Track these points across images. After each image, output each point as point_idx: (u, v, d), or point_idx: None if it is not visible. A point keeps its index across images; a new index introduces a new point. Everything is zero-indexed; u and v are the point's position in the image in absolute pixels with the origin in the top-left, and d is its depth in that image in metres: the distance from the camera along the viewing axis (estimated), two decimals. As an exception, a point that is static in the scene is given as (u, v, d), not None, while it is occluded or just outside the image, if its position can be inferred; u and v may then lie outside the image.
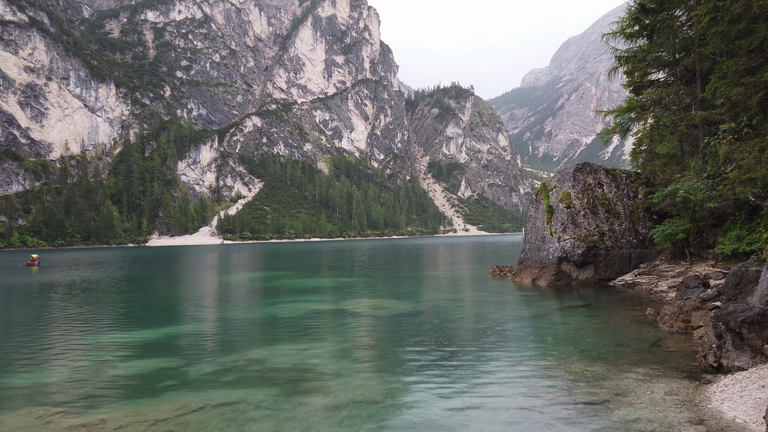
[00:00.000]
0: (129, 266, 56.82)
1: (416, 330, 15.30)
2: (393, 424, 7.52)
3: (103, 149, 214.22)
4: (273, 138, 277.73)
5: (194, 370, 11.16)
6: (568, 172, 28.19)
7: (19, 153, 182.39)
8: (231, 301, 25.17)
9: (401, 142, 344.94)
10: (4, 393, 9.86)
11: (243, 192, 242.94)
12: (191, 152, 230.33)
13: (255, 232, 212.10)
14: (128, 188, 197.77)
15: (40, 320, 19.55)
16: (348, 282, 32.67)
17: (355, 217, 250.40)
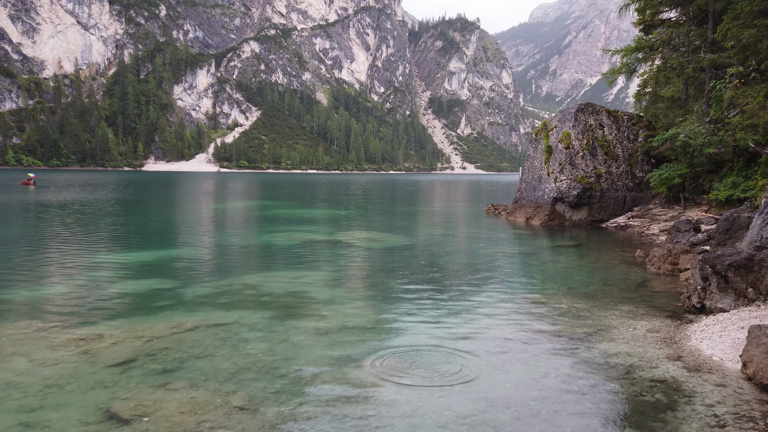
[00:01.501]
0: (125, 190, 56.80)
1: (408, 263, 15.54)
2: (382, 348, 7.77)
3: (97, 69, 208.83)
4: (271, 65, 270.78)
5: (189, 292, 11.38)
6: (569, 112, 27.80)
7: (12, 69, 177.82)
8: (227, 228, 25.37)
9: (402, 75, 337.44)
10: (3, 306, 10.07)
11: (240, 120, 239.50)
12: (187, 76, 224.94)
13: (252, 161, 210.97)
14: (123, 111, 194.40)
15: (38, 238, 19.72)
16: (343, 214, 32.86)
17: (352, 150, 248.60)
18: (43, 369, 6.90)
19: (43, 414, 5.69)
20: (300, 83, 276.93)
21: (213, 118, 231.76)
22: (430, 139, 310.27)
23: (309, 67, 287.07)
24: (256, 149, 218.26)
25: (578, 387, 6.49)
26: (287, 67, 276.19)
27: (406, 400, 6.06)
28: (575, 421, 5.61)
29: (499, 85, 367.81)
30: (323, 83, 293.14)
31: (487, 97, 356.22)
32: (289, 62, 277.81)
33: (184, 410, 5.76)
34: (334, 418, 5.63)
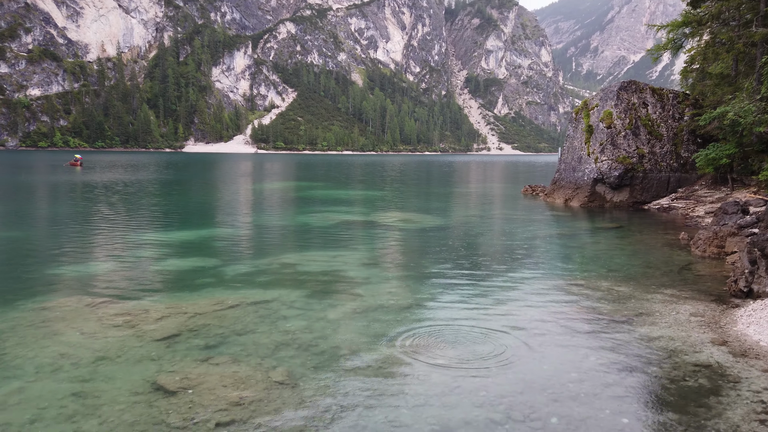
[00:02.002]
0: (166, 170, 58.20)
1: (444, 244, 15.50)
2: (417, 328, 7.82)
3: (138, 52, 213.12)
4: (307, 46, 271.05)
5: (230, 270, 11.65)
6: (611, 90, 26.98)
7: (58, 53, 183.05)
8: (264, 208, 25.77)
9: (438, 54, 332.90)
10: (56, 281, 10.53)
11: (277, 101, 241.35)
12: (225, 58, 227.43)
13: (288, 143, 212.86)
14: (164, 93, 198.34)
15: (85, 217, 20.45)
16: (378, 195, 32.92)
17: (387, 131, 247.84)
18: (94, 342, 7.21)
19: (95, 385, 5.96)
20: (335, 64, 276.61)
21: (250, 99, 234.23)
22: (466, 119, 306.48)
23: (344, 48, 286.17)
24: (292, 130, 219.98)
25: (618, 370, 6.41)
26: (323, 47, 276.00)
27: (442, 380, 6.10)
28: (615, 404, 5.55)
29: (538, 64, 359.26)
30: (358, 64, 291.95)
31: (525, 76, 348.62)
32: (324, 43, 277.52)
33: (227, 384, 5.94)
34: (370, 395, 5.71)
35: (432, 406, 5.49)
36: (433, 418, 5.22)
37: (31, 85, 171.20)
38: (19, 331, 7.62)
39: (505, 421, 5.20)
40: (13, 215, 21.11)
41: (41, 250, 14.16)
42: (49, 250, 13.98)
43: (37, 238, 16.09)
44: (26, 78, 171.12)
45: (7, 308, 8.64)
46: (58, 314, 8.37)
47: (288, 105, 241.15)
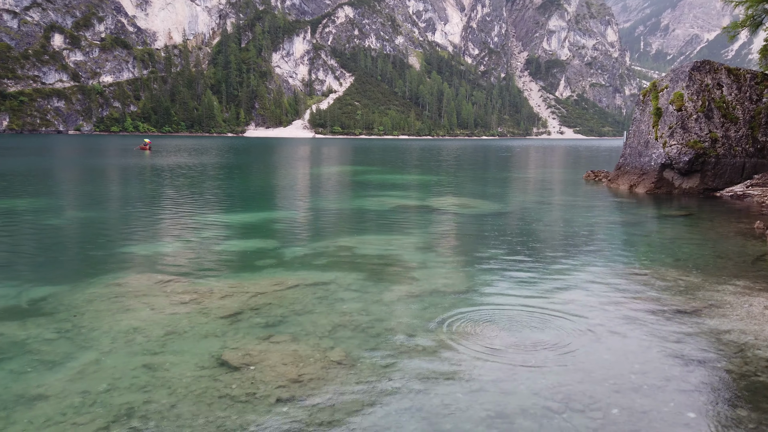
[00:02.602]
0: (228, 154, 60.02)
1: (501, 230, 15.29)
2: (474, 313, 7.78)
3: (203, 39, 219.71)
4: (365, 30, 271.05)
5: (289, 252, 11.95)
6: (683, 70, 25.58)
7: (128, 41, 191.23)
8: (322, 192, 26.19)
9: (498, 36, 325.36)
10: (128, 259, 11.13)
11: (334, 86, 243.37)
12: (285, 44, 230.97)
13: (345, 127, 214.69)
14: (226, 79, 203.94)
15: (153, 199, 21.44)
16: (434, 180, 32.76)
17: (444, 115, 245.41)
18: (163, 317, 7.60)
19: (164, 358, 6.29)
20: (393, 48, 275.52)
21: (308, 84, 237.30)
22: (526, 102, 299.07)
23: (402, 31, 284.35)
24: (349, 115, 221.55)
25: (684, 363, 6.17)
26: (380, 31, 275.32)
27: (498, 366, 6.06)
28: (680, 398, 5.36)
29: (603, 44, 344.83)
30: (416, 47, 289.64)
31: (590, 57, 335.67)
32: (382, 26, 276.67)
33: (287, 362, 6.13)
34: (425, 378, 5.75)
35: (487, 391, 5.47)
36: (489, 404, 5.21)
37: (103, 72, 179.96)
38: (95, 305, 8.12)
39: (563, 410, 5.12)
40: (89, 197, 22.41)
41: (114, 229, 14.98)
42: (121, 230, 14.78)
43: (111, 218, 17.02)
44: (99, 65, 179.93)
45: (84, 284, 9.22)
46: (130, 290, 8.86)
47: (345, 90, 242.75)
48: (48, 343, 6.70)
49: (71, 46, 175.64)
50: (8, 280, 9.42)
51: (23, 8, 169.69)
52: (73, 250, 12.49)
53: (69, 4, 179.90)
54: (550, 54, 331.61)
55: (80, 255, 11.79)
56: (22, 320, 7.44)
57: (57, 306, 8.06)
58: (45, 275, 9.83)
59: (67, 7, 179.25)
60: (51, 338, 6.84)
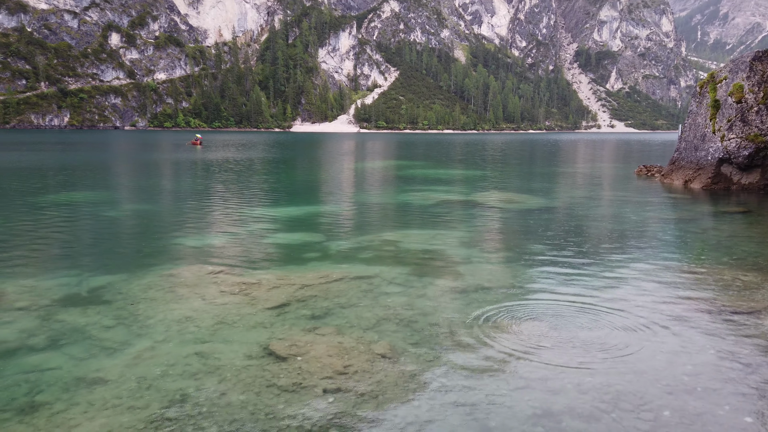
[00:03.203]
0: (274, 149, 61.10)
1: (547, 226, 15.01)
2: (519, 310, 7.69)
3: (251, 36, 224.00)
4: (410, 24, 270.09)
5: (334, 246, 12.09)
6: (743, 61, 24.36)
7: (180, 39, 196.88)
8: (366, 186, 26.33)
9: (546, 27, 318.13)
10: (180, 251, 11.52)
11: (379, 81, 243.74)
12: (331, 39, 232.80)
13: (389, 122, 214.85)
14: (274, 75, 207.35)
15: (204, 192, 22.07)
16: (479, 175, 32.43)
17: (490, 109, 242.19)
18: (213, 307, 7.84)
19: (214, 346, 6.49)
20: (438, 41, 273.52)
21: (354, 79, 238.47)
22: (575, 95, 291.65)
23: (447, 24, 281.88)
24: (393, 110, 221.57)
25: (741, 365, 5.92)
26: (426, 25, 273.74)
27: (545, 364, 5.97)
28: (735, 401, 5.15)
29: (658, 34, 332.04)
30: (461, 40, 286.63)
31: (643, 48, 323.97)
32: (427, 20, 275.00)
33: (332, 353, 6.23)
34: (470, 374, 5.73)
35: (534, 389, 5.40)
36: (536, 401, 5.15)
37: (157, 69, 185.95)
38: (150, 294, 8.45)
39: (612, 409, 5.01)
40: (143, 190, 23.28)
41: (167, 222, 15.53)
42: (173, 223, 15.30)
43: (164, 211, 17.64)
44: (153, 63, 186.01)
45: (140, 274, 9.61)
46: (182, 281, 9.17)
47: (390, 84, 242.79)
48: (106, 329, 7.02)
49: (127, 45, 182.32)
50: (70, 269, 9.90)
51: (83, 8, 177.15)
52: (129, 241, 13.02)
53: (125, 4, 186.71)
54: (601, 45, 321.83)
55: (136, 246, 12.28)
56: (83, 307, 7.83)
57: (115, 294, 8.43)
58: (103, 265, 10.29)
59: (123, 6, 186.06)
60: (109, 325, 7.17)
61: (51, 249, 11.61)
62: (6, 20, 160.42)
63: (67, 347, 6.45)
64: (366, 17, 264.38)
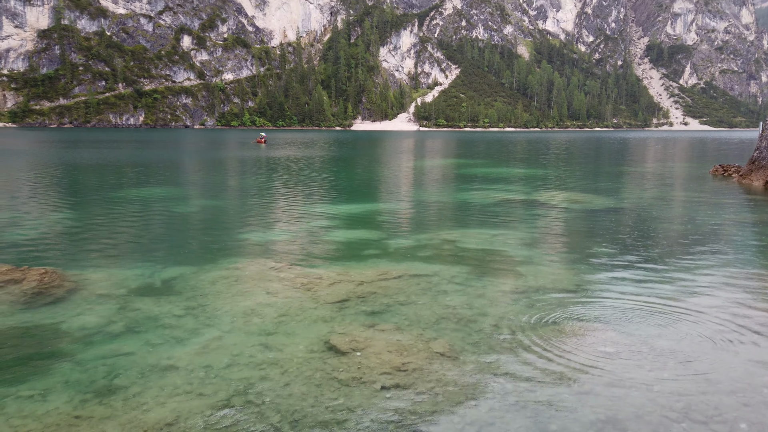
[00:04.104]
0: (336, 147, 61.97)
1: (613, 227, 14.48)
2: (584, 313, 7.47)
3: (315, 36, 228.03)
4: (472, 21, 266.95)
5: (393, 243, 12.15)
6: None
7: (247, 40, 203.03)
8: (425, 184, 26.27)
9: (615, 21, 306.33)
10: (245, 245, 11.91)
11: (440, 78, 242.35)
12: (392, 38, 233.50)
13: (449, 120, 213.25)
14: (336, 74, 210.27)
15: (268, 189, 22.70)
16: (541, 174, 31.68)
17: (554, 106, 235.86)
18: (276, 301, 8.07)
19: (277, 339, 6.68)
20: (501, 38, 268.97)
21: (414, 77, 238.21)
22: (645, 91, 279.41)
23: (511, 20, 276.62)
24: (453, 108, 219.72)
25: (828, 381, 5.51)
26: (488, 21, 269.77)
27: (610, 368, 5.78)
28: (822, 419, 4.81)
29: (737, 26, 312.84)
30: (525, 36, 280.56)
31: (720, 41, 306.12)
32: (490, 16, 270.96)
33: (391, 350, 6.27)
34: (531, 376, 5.63)
35: (598, 394, 5.24)
36: (600, 407, 4.99)
37: (225, 70, 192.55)
38: (217, 286, 8.79)
39: (682, 419, 4.79)
40: (211, 186, 24.21)
41: (233, 217, 16.08)
42: (238, 218, 15.83)
43: (230, 207, 18.28)
44: (222, 64, 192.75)
45: (207, 267, 10.01)
46: (247, 274, 9.48)
47: (450, 82, 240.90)
48: (177, 319, 7.37)
49: (198, 47, 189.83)
50: (144, 260, 10.45)
51: (157, 12, 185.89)
52: (197, 235, 13.58)
53: (196, 7, 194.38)
54: (674, 39, 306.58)
55: (204, 240, 12.80)
56: (156, 297, 8.24)
57: (185, 286, 8.82)
58: (174, 257, 10.79)
59: (194, 10, 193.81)
60: (179, 315, 7.52)
61: (127, 241, 12.29)
62: (88, 25, 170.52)
63: (141, 334, 6.81)
64: (427, 15, 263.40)
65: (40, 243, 11.87)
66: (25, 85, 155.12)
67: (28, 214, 15.52)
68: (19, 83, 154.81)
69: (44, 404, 5.09)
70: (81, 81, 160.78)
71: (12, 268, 9.04)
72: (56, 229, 13.37)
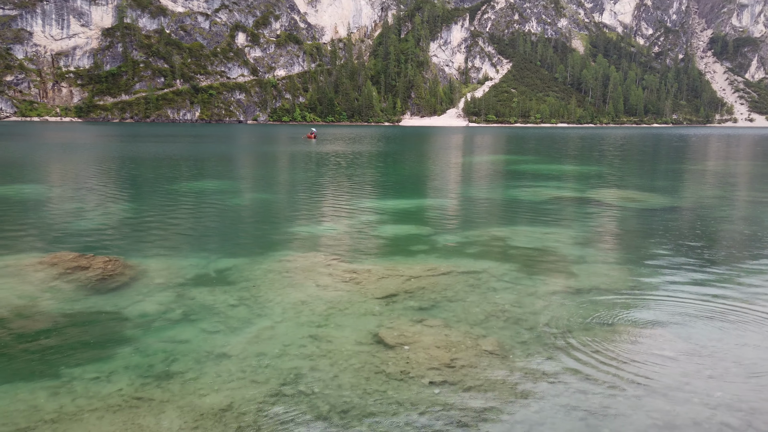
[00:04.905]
0: (385, 143, 62.13)
1: (673, 227, 13.95)
2: (639, 315, 7.24)
3: (365, 32, 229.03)
4: (525, 14, 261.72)
5: (441, 239, 12.11)
6: None
7: (299, 37, 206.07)
8: (473, 180, 26.02)
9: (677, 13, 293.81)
10: (295, 238, 12.14)
11: (490, 73, 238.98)
12: (443, 33, 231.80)
13: (500, 116, 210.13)
14: (385, 70, 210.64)
15: (317, 184, 23.02)
16: (595, 171, 30.81)
17: (610, 101, 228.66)
18: (326, 293, 8.19)
19: (327, 331, 6.79)
20: (554, 31, 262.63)
21: (464, 72, 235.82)
22: (708, 86, 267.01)
23: (566, 13, 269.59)
24: (504, 103, 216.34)
25: None
26: (542, 14, 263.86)
27: (667, 373, 5.59)
28: None
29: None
30: (580, 29, 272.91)
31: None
32: (544, 9, 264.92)
33: (440, 345, 6.27)
34: (583, 378, 5.51)
35: (654, 399, 5.08)
36: (656, 413, 4.84)
37: (277, 66, 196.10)
38: (269, 278, 9.00)
39: (745, 428, 4.58)
40: (263, 180, 24.77)
41: (283, 210, 16.40)
42: (289, 211, 16.13)
43: (280, 200, 18.65)
44: (274, 60, 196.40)
45: (260, 258, 10.26)
46: (297, 266, 9.66)
47: (501, 77, 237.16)
48: (231, 308, 7.59)
49: (251, 44, 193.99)
50: (199, 251, 10.81)
51: (214, 10, 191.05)
52: (249, 227, 13.93)
53: (251, 5, 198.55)
54: (740, 31, 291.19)
55: (255, 232, 13.11)
56: (210, 287, 8.52)
57: (238, 276, 9.07)
58: (228, 248, 11.11)
59: (249, 7, 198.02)
60: (233, 304, 7.75)
61: (183, 232, 12.73)
62: (149, 23, 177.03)
63: (197, 322, 7.06)
64: (479, 9, 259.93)
65: (104, 232, 12.45)
66: (90, 82, 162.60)
67: (92, 204, 16.31)
68: (84, 80, 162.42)
69: (108, 385, 5.35)
70: (141, 77, 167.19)
71: (79, 255, 9.53)
72: (118, 219, 14.00)
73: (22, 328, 6.76)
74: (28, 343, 6.33)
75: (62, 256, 9.47)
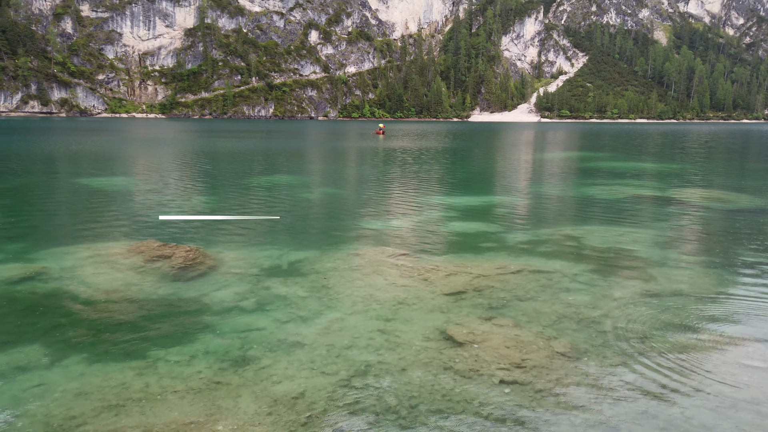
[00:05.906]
0: (453, 139, 61.61)
1: (761, 229, 13.00)
2: (719, 321, 6.82)
3: (436, 27, 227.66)
4: (604, 5, 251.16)
5: (511, 237, 11.89)
6: None
7: (370, 33, 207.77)
8: (545, 178, 25.32)
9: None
10: (364, 233, 12.29)
11: (565, 67, 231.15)
12: (515, 26, 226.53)
13: (574, 111, 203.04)
14: (455, 65, 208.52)
15: (385, 179, 23.16)
16: (677, 169, 29.20)
17: (694, 96, 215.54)
18: (394, 288, 8.25)
19: (395, 325, 6.85)
20: (635, 22, 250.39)
21: (537, 67, 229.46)
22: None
23: (647, 3, 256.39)
24: (579, 98, 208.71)
25: None
26: (622, 5, 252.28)
27: (757, 383, 5.24)
28: None
29: None
30: (663, 20, 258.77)
31: None
32: (624, 0, 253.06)
33: (509, 345, 6.18)
34: (662, 385, 5.26)
35: (741, 410, 4.79)
36: (744, 425, 4.56)
37: (348, 63, 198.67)
38: (339, 271, 9.18)
39: None
40: (333, 175, 25.21)
41: (353, 205, 16.64)
42: (358, 206, 16.34)
43: (349, 195, 18.93)
44: (345, 57, 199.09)
45: (330, 251, 10.47)
46: (366, 261, 9.79)
47: (577, 71, 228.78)
48: (302, 299, 7.81)
49: (323, 41, 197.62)
50: (272, 243, 11.17)
51: (288, 9, 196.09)
52: (320, 221, 14.23)
53: (324, 3, 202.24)
54: None
55: (326, 226, 13.39)
56: (283, 278, 8.79)
57: (309, 269, 9.31)
58: (299, 241, 11.41)
59: (322, 5, 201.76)
60: (304, 296, 7.96)
61: (256, 224, 13.19)
62: (227, 23, 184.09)
63: (271, 312, 7.31)
64: (554, 1, 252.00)
65: (185, 223, 13.11)
66: (173, 80, 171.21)
67: (173, 196, 17.21)
68: (168, 78, 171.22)
69: (189, 368, 5.66)
70: (220, 75, 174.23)
71: (163, 244, 10.10)
72: (197, 210, 14.70)
73: (112, 311, 7.26)
74: (117, 325, 6.79)
75: (148, 245, 10.06)
